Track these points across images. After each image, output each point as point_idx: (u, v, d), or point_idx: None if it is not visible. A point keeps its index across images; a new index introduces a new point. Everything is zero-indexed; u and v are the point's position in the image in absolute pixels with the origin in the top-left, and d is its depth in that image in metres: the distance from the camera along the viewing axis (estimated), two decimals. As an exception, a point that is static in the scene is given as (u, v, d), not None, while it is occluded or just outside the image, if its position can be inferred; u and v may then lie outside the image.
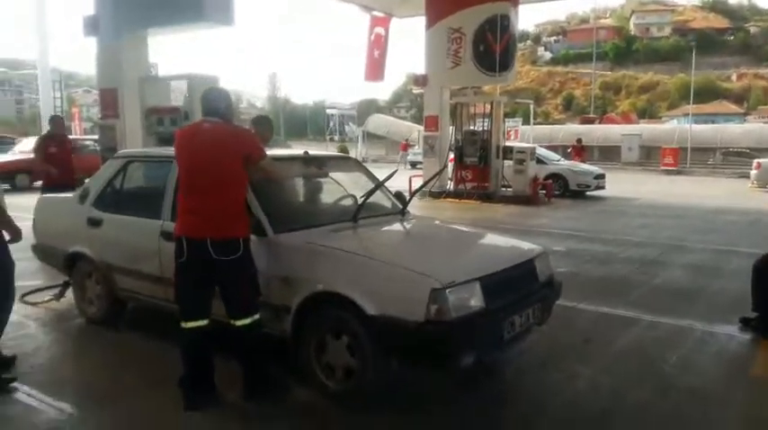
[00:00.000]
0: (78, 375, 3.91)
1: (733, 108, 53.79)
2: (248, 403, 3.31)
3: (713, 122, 39.26)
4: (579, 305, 5.30)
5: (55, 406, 3.33)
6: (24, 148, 17.32)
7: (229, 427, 3.15)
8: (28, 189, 14.99)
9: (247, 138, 3.37)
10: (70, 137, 23.10)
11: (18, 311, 4.97)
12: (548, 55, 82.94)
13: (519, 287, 3.56)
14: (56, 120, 8.22)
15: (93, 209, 4.57)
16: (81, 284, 4.78)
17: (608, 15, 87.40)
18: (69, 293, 5.11)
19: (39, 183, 15.38)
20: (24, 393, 3.48)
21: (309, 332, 3.40)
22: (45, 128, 26.66)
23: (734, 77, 66.96)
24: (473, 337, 3.15)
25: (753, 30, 74.46)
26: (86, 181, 5.04)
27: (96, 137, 22.17)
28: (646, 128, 36.73)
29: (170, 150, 4.04)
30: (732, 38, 73.95)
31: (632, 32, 79.17)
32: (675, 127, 36.04)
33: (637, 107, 62.81)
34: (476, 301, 3.16)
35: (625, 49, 76.05)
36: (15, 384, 3.58)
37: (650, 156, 31.04)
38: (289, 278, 3.41)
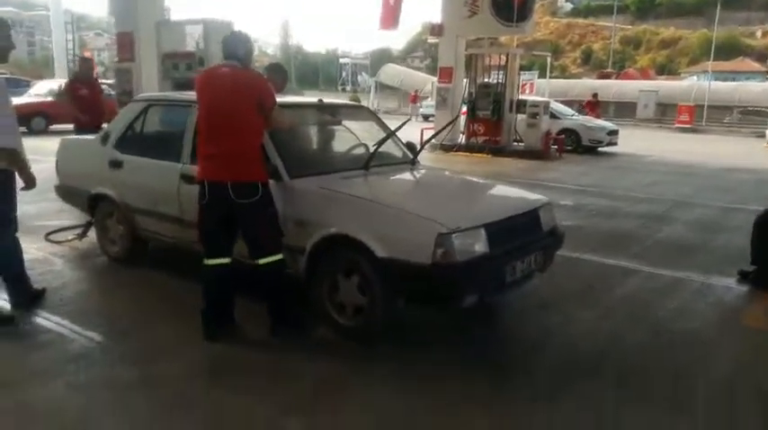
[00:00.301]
0: (104, 308, 4.15)
1: (755, 66, 52.44)
2: (273, 338, 3.52)
3: (734, 80, 38.42)
4: (583, 256, 5.47)
5: (84, 334, 3.56)
6: (39, 91, 17.44)
7: (245, 354, 3.37)
8: (44, 132, 15.22)
9: (261, 84, 3.42)
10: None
11: (44, 249, 5.27)
12: (568, 6, 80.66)
13: (522, 234, 3.71)
14: (85, 62, 8.24)
15: (115, 151, 4.71)
16: (103, 224, 4.97)
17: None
18: (91, 233, 5.33)
19: (57, 125, 15.68)
20: (55, 323, 3.72)
21: (322, 272, 3.59)
22: (58, 70, 26.79)
23: (758, 34, 64.92)
24: (476, 280, 3.32)
25: (782, -16, 71.80)
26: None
27: (109, 81, 22.27)
28: (663, 85, 36.09)
29: (189, 94, 4.18)
30: (759, -8, 71.45)
31: (657, -16, 76.65)
32: (693, 84, 35.39)
33: (656, 63, 61.40)
34: (480, 246, 3.32)
35: (648, 1, 73.78)
36: (46, 314, 3.83)
37: (666, 113, 30.65)
38: (303, 221, 3.58)
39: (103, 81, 23.27)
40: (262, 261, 3.42)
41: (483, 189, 4.63)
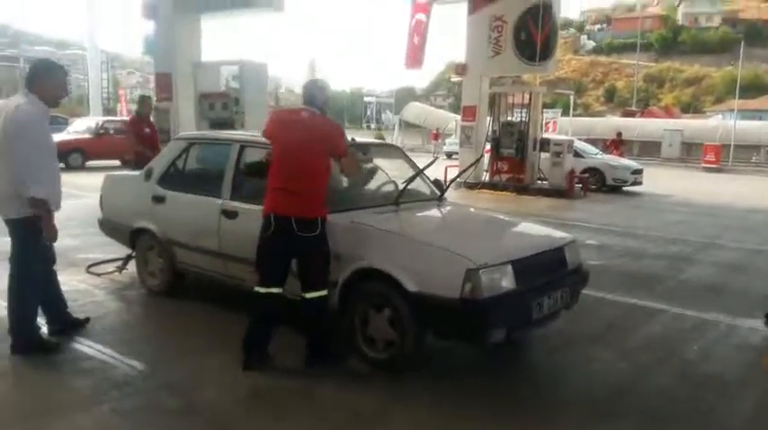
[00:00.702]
0: (145, 337, 4.35)
1: (782, 104, 52.10)
2: (308, 368, 3.67)
3: (760, 119, 38.18)
4: (608, 296, 5.52)
5: (126, 362, 3.74)
6: (78, 128, 18.12)
7: (282, 383, 3.51)
8: (81, 168, 15.77)
9: (337, 133, 3.68)
10: (122, 118, 23.79)
11: (85, 281, 5.50)
12: (591, 44, 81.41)
13: (548, 272, 3.83)
14: (146, 101, 8.44)
15: (158, 186, 4.96)
16: (144, 257, 5.19)
17: (656, 4, 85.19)
18: (131, 266, 5.56)
19: (93, 161, 16.21)
20: (98, 351, 3.91)
21: (354, 305, 3.74)
22: (93, 108, 27.69)
23: (785, 72, 64.67)
24: (503, 315, 3.44)
25: (807, 23, 71.65)
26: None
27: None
28: (688, 123, 36.00)
29: (229, 133, 4.42)
30: (785, 30, 71.31)
31: (679, 22, 77.08)
32: (719, 124, 35.21)
33: (681, 101, 61.36)
34: (507, 282, 3.45)
35: (671, 39, 74.13)
36: (89, 342, 4.03)
37: (691, 152, 30.53)
38: (336, 254, 3.74)
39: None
40: (310, 295, 3.60)
41: (509, 226, 4.77)
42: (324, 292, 3.63)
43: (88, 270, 5.80)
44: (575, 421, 3.23)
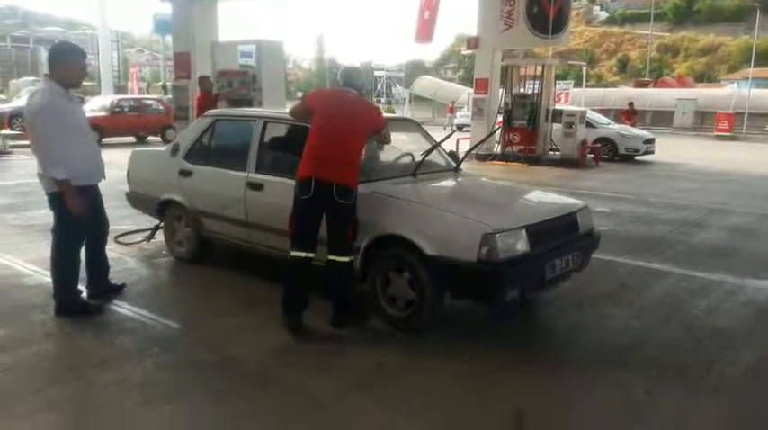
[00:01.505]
0: (178, 300, 4.63)
1: (799, 72, 51.27)
2: (334, 328, 3.90)
3: (776, 87, 37.70)
4: (618, 259, 5.72)
5: (163, 322, 4.01)
6: (93, 107, 18.36)
7: (310, 340, 3.77)
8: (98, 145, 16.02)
9: (376, 113, 4.10)
10: (135, 95, 24.04)
11: (115, 250, 5.75)
12: (603, 14, 80.00)
13: (561, 235, 4.03)
14: (204, 80, 8.63)
15: (184, 161, 5.19)
16: (171, 227, 5.45)
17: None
18: (158, 235, 5.82)
19: (109, 138, 16.51)
20: (136, 313, 4.18)
21: (376, 269, 3.97)
22: (104, 87, 27.93)
23: (802, 39, 63.45)
24: (518, 276, 3.65)
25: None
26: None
27: (155, 96, 23.20)
28: (702, 92, 35.62)
29: (253, 110, 4.59)
30: (803, -3, 69.74)
31: (695, -9, 75.49)
32: (733, 92, 34.83)
33: (695, 70, 60.40)
34: (521, 246, 3.65)
35: (686, 8, 72.53)
36: (128, 305, 4.30)
37: (704, 121, 30.33)
38: (359, 222, 3.96)
39: (149, 96, 24.33)
40: (339, 259, 3.83)
41: (523, 194, 4.96)
42: (350, 258, 3.87)
43: (117, 240, 6.05)
44: (587, 370, 3.46)
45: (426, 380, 3.28)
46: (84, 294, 4.36)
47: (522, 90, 15.15)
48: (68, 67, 3.93)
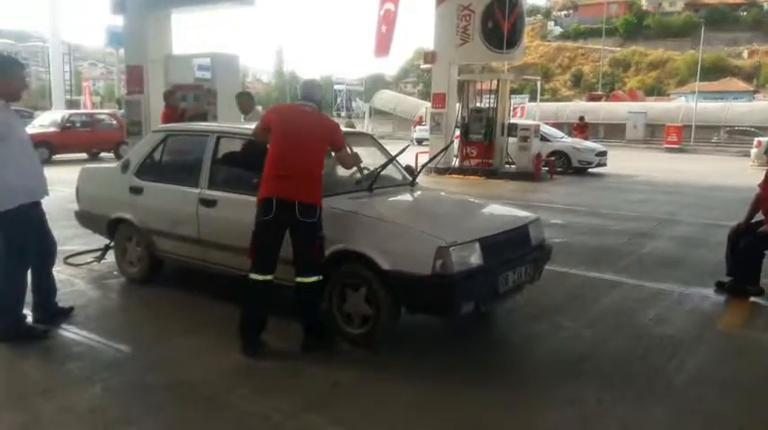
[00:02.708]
0: (129, 322, 4.50)
1: (742, 86, 53.64)
2: (305, 351, 3.79)
3: (721, 100, 39.31)
4: (571, 270, 5.84)
5: (113, 346, 3.89)
6: (43, 122, 17.85)
7: (263, 361, 3.68)
8: (48, 162, 15.54)
9: (334, 128, 3.97)
10: (87, 110, 23.40)
11: (63, 271, 5.57)
12: (558, 30, 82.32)
13: (513, 248, 4.09)
14: (173, 95, 8.42)
15: (135, 178, 5.08)
16: (122, 247, 5.31)
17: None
18: (108, 256, 5.67)
19: (59, 155, 16.04)
20: (85, 337, 4.04)
21: (332, 285, 3.94)
22: (56, 101, 27.21)
23: (745, 54, 66.44)
24: (472, 289, 3.69)
25: (766, 6, 73.53)
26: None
27: (108, 111, 22.71)
28: (651, 106, 36.92)
29: (206, 125, 4.54)
30: (745, 13, 73.14)
31: (644, 7, 78.35)
32: (681, 105, 36.19)
33: (645, 84, 62.63)
34: (475, 259, 3.69)
35: (636, 24, 75.34)
36: (76, 329, 4.16)
37: (655, 133, 31.36)
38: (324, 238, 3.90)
39: (102, 111, 23.80)
40: (307, 280, 3.72)
41: (477, 207, 5.03)
42: (319, 277, 3.77)
43: (66, 261, 5.87)
44: (543, 384, 3.50)
45: (382, 399, 3.26)
46: (30, 318, 4.20)
47: (478, 104, 15.41)
48: (7, 80, 3.83)
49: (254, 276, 3.72)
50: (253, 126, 4.19)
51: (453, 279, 3.54)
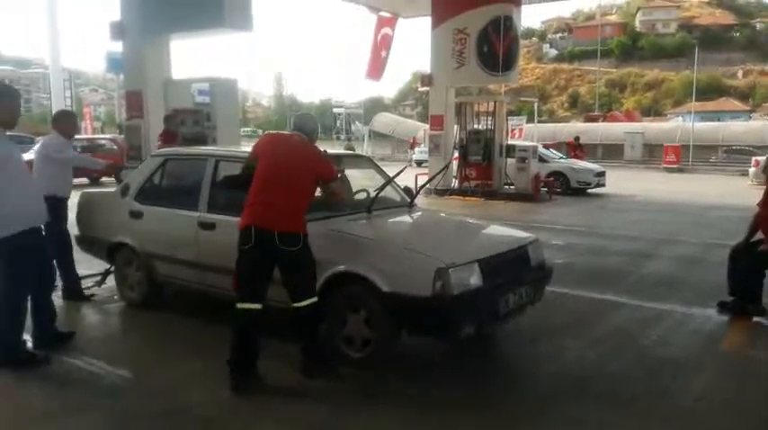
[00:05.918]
0: (128, 347, 4.48)
1: (738, 105, 54.02)
2: (305, 376, 3.72)
3: (718, 120, 39.55)
4: (572, 291, 5.81)
5: (113, 371, 3.87)
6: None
7: (263, 385, 3.64)
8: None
9: (324, 161, 3.83)
10: (88, 136, 23.47)
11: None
12: (553, 52, 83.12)
13: (513, 269, 4.09)
14: (173, 119, 8.44)
15: (134, 202, 5.09)
16: (122, 271, 5.30)
17: (614, 12, 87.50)
18: (109, 280, 5.66)
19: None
20: (86, 362, 4.01)
21: (332, 307, 3.92)
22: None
23: (739, 74, 67.07)
24: (472, 311, 3.68)
25: (759, 26, 74.51)
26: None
27: (108, 136, 22.83)
28: (648, 126, 37.11)
29: (204, 149, 4.56)
30: (738, 34, 74.00)
31: (638, 29, 79.26)
32: (678, 125, 36.38)
33: (642, 104, 63.03)
34: (474, 280, 3.69)
35: (630, 45, 76.14)
36: (77, 354, 4.13)
37: (653, 153, 31.46)
38: (315, 261, 3.92)
39: (103, 137, 23.91)
40: (302, 304, 3.64)
41: (476, 228, 5.03)
42: (315, 299, 3.70)
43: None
44: (544, 405, 3.46)
45: (382, 424, 3.23)
46: (30, 344, 4.18)
47: (476, 126, 15.51)
48: (2, 108, 3.87)
49: (240, 305, 3.59)
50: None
51: (453, 301, 3.53)
